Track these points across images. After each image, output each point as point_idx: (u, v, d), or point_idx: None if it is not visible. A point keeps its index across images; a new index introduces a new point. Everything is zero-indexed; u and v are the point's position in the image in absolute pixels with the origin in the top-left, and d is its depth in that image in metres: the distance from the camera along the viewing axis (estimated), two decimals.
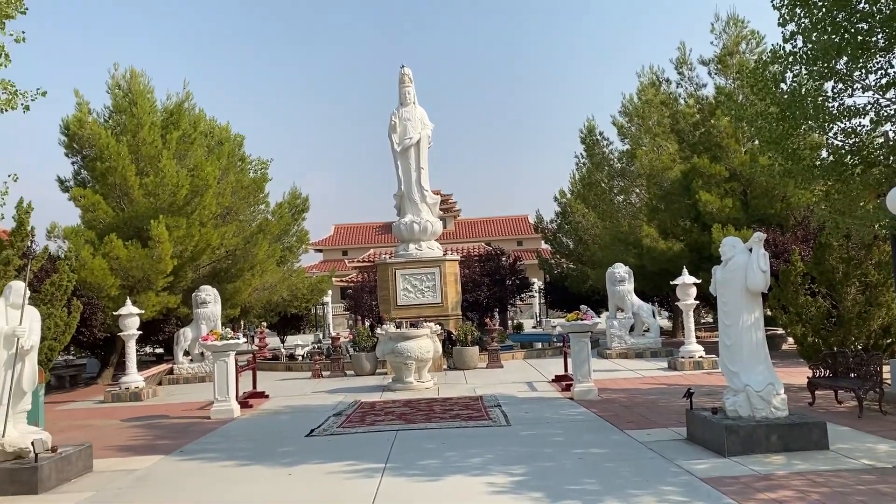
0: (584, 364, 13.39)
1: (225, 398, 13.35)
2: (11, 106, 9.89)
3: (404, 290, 20.90)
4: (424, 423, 11.30)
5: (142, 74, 22.43)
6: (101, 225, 20.32)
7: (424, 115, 21.71)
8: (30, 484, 8.00)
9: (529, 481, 7.44)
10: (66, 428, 12.67)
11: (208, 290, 20.31)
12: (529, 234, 62.24)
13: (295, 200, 30.12)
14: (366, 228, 71.27)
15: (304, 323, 41.00)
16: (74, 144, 21.80)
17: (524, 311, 46.83)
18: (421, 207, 21.44)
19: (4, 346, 8.26)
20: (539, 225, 36.71)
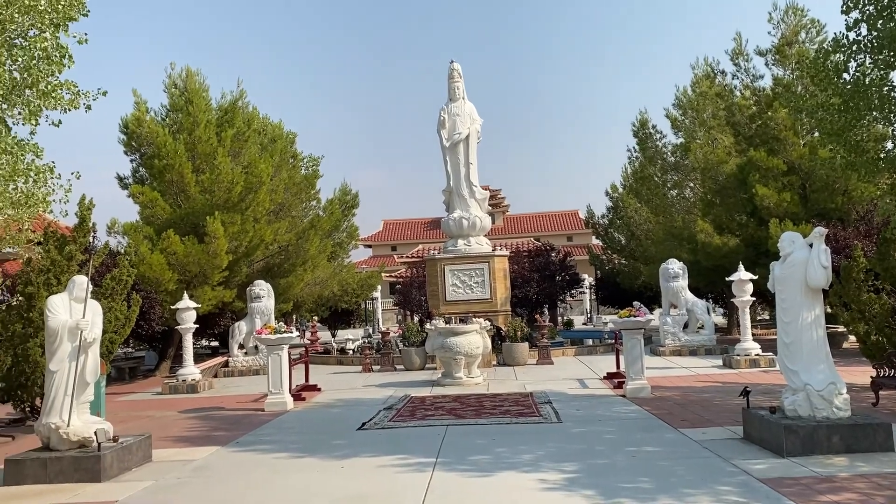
0: (637, 361, 13.20)
1: (279, 391, 13.57)
2: (74, 106, 10.17)
3: (453, 286, 20.90)
4: (474, 418, 11.30)
5: (197, 73, 22.94)
6: (158, 221, 20.86)
7: (473, 111, 21.66)
8: (93, 472, 8.26)
9: (582, 479, 7.37)
10: (125, 418, 13.05)
11: (262, 285, 20.69)
12: (580, 230, 61.72)
13: (345, 196, 30.48)
14: (414, 224, 71.60)
15: (354, 317, 41.48)
16: (133, 142, 22.43)
17: (574, 308, 46.45)
18: (470, 203, 21.40)
19: (69, 339, 8.53)
20: (590, 220, 36.32)
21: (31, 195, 9.10)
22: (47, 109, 9.91)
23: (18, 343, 12.92)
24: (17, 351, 12.93)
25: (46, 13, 9.53)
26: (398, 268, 47.04)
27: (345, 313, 38.84)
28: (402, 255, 54.42)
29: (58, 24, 9.83)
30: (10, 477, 8.32)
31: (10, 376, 13.07)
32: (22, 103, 9.37)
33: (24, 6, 9.26)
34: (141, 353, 25.73)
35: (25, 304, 13.08)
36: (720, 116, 24.17)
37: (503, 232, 62.20)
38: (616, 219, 34.11)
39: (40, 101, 9.52)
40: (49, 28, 9.69)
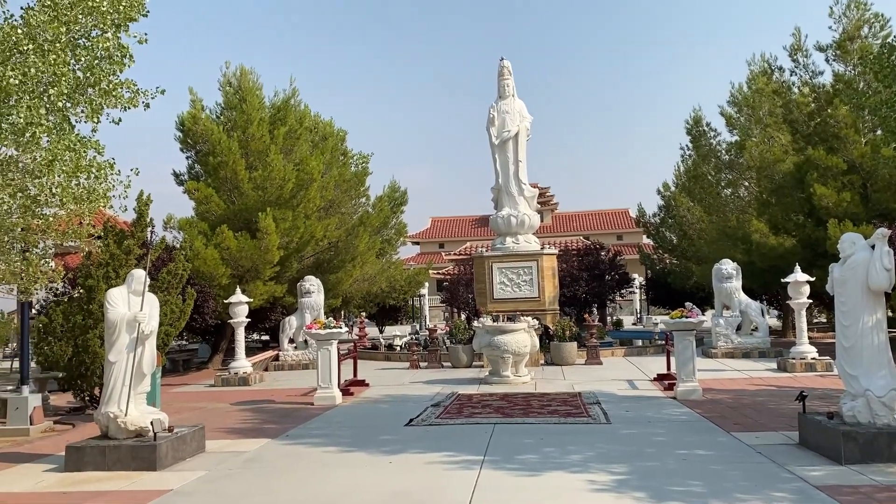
0: (689, 363, 12.97)
1: (328, 385, 13.73)
2: (134, 104, 10.42)
3: (501, 284, 20.85)
4: (522, 417, 11.25)
5: (251, 72, 23.33)
6: (213, 217, 21.30)
7: (523, 108, 21.56)
8: (149, 461, 8.49)
9: (631, 480, 7.28)
10: (179, 409, 13.36)
11: (312, 281, 20.97)
12: (630, 229, 60.94)
13: (394, 194, 30.65)
14: (462, 221, 71.65)
15: (401, 314, 41.74)
16: (189, 140, 22.94)
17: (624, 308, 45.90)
18: (518, 201, 21.32)
19: (127, 331, 8.78)
20: (641, 219, 35.81)
21: (93, 191, 9.37)
22: (108, 107, 10.18)
23: (79, 334, 13.35)
24: (77, 342, 13.37)
25: (108, 14, 9.79)
26: (445, 265, 47.14)
27: (392, 310, 39.09)
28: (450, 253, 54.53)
29: (119, 25, 10.09)
30: (72, 463, 8.61)
31: (70, 366, 13.52)
32: (84, 102, 9.65)
33: (88, 7, 9.53)
34: (194, 345, 26.32)
35: (86, 296, 13.52)
36: (777, 114, 23.57)
37: (551, 230, 61.79)
38: (668, 218, 33.57)
39: (102, 100, 9.78)
40: (111, 28, 9.96)
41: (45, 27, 8.97)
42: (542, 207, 56.96)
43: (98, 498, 7.37)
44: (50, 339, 13.68)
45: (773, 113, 23.63)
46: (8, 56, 8.69)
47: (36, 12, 9.20)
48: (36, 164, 8.79)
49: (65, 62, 8.80)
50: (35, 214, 9.89)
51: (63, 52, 8.89)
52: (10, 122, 8.39)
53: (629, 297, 40.43)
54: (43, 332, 13.81)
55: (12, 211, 9.66)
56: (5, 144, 8.82)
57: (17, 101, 8.48)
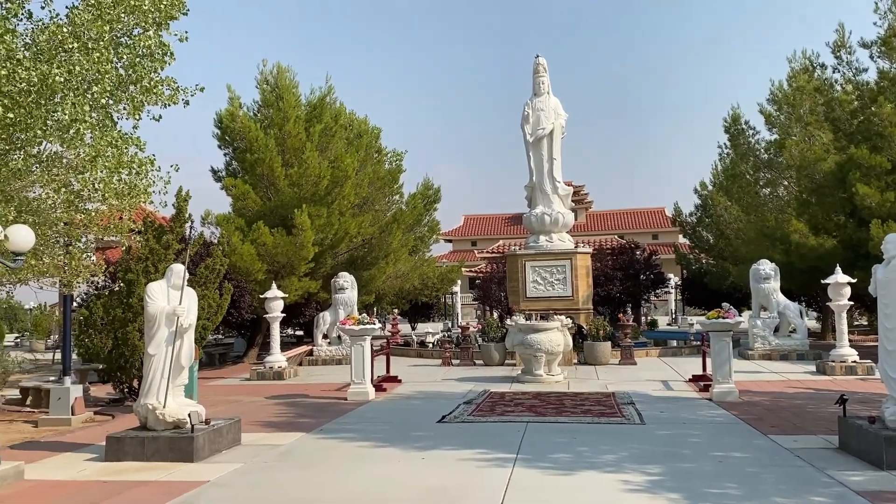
0: (725, 364, 12.79)
1: (361, 381, 13.82)
2: (174, 101, 10.59)
3: (534, 283, 20.76)
4: (555, 416, 11.21)
5: (287, 70, 23.57)
6: (249, 213, 21.58)
7: (558, 105, 21.42)
8: (186, 452, 8.63)
9: (666, 482, 7.21)
10: (216, 402, 13.55)
11: (346, 277, 21.13)
12: (666, 228, 60.27)
13: (427, 191, 30.73)
14: (495, 219, 71.52)
15: (433, 311, 41.86)
16: (227, 137, 23.26)
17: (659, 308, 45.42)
18: (552, 199, 21.19)
19: (166, 324, 8.93)
20: (677, 218, 35.36)
21: (134, 186, 9.56)
22: (149, 105, 10.37)
23: (119, 327, 13.62)
24: (117, 335, 13.64)
25: (150, 12, 9.97)
26: (478, 263, 47.11)
27: (424, 307, 39.21)
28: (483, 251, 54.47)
29: (160, 23, 10.27)
30: (112, 453, 8.79)
31: (110, 358, 13.81)
32: (126, 99, 9.84)
33: (130, 6, 9.71)
34: (230, 339, 26.70)
35: (126, 290, 13.79)
36: (818, 112, 23.08)
37: (586, 229, 61.36)
38: (705, 217, 33.10)
39: (143, 97, 9.97)
40: (152, 27, 10.14)
41: (89, 26, 9.16)
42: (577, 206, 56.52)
43: (137, 487, 7.51)
44: (90, 332, 13.99)
45: (814, 111, 23.15)
46: (54, 54, 8.89)
47: (80, 11, 9.40)
48: (80, 160, 8.99)
49: (108, 60, 8.98)
50: (78, 209, 10.12)
51: (106, 49, 9.07)
52: (55, 119, 8.58)
53: (664, 297, 40.01)
54: (84, 325, 14.12)
55: (56, 206, 9.90)
56: (50, 141, 9.03)
57: (63, 98, 8.68)
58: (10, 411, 13.60)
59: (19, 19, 9.15)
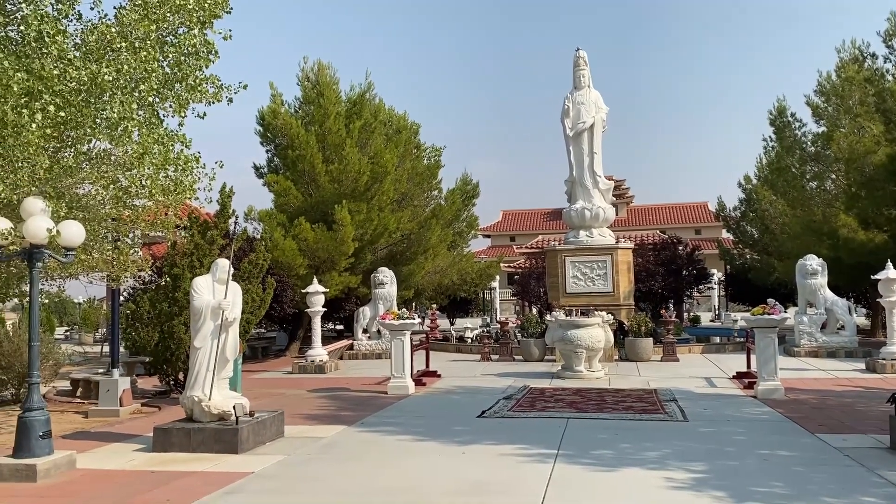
0: (770, 361, 12.55)
1: (401, 375, 13.90)
2: (217, 99, 10.73)
3: (574, 278, 20.62)
4: (596, 412, 11.13)
5: (328, 67, 23.75)
6: (291, 209, 21.83)
7: (599, 99, 21.22)
8: (231, 444, 8.78)
9: (710, 479, 7.11)
10: (259, 395, 13.76)
11: (385, 272, 21.25)
12: (709, 223, 59.29)
13: (466, 187, 30.72)
14: (534, 215, 71.14)
15: (472, 306, 41.82)
16: (269, 133, 23.56)
17: (701, 304, 44.75)
18: (593, 193, 21.01)
19: (211, 318, 9.09)
20: (721, 213, 34.75)
21: (180, 183, 9.73)
22: (193, 102, 10.53)
23: (165, 321, 13.90)
24: (163, 328, 13.92)
25: (194, 11, 10.12)
26: (517, 258, 46.93)
27: (463, 302, 39.20)
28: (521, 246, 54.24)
29: (204, 22, 10.42)
30: (159, 444, 8.99)
31: (156, 351, 14.09)
32: (172, 97, 10.01)
33: (175, 5, 9.87)
34: (272, 333, 27.06)
35: (171, 284, 14.06)
36: (869, 103, 22.44)
37: (627, 223, 60.65)
38: (749, 211, 32.46)
39: (188, 95, 10.13)
40: (196, 25, 10.29)
41: (136, 25, 9.35)
42: (618, 200, 56.03)
43: (184, 477, 7.67)
44: (137, 326, 14.29)
45: (864, 102, 22.53)
46: (102, 54, 9.09)
47: (127, 11, 9.59)
48: (128, 158, 9.19)
49: (154, 59, 9.15)
50: (126, 205, 10.34)
51: (153, 49, 9.24)
52: (104, 117, 8.78)
53: (707, 293, 39.39)
54: (131, 319, 14.44)
55: (105, 202, 10.13)
56: (99, 138, 9.24)
57: (111, 96, 8.87)
58: (61, 402, 13.99)
59: (69, 20, 9.37)
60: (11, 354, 13.56)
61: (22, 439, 7.97)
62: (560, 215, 23.61)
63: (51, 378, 14.35)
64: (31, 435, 7.95)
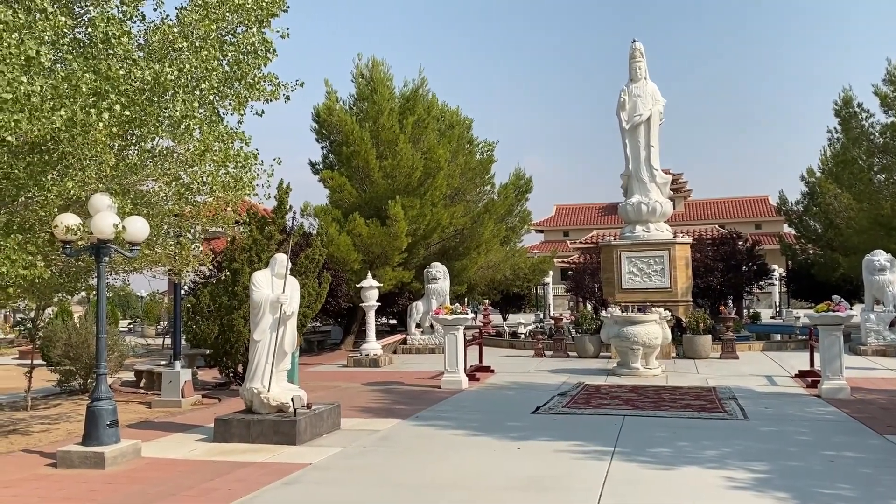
0: (835, 360, 12.15)
1: (454, 370, 13.93)
2: (275, 96, 10.89)
3: (630, 274, 20.33)
4: (653, 410, 10.96)
5: (382, 63, 23.92)
6: (345, 204, 22.09)
7: (656, 91, 20.83)
8: (289, 435, 8.92)
9: (773, 480, 6.92)
10: (315, 388, 13.95)
11: (438, 267, 21.33)
12: (769, 217, 57.85)
13: (518, 181, 30.55)
14: (588, 209, 70.42)
15: (524, 302, 41.63)
16: (324, 130, 23.86)
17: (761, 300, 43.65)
18: (650, 187, 20.66)
19: (270, 311, 9.25)
20: (782, 207, 33.83)
21: (239, 179, 9.92)
22: (252, 100, 10.72)
23: (224, 314, 14.23)
24: (223, 321, 14.25)
25: (252, 10, 10.29)
26: (570, 253, 46.55)
27: (516, 297, 39.06)
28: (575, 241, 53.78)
29: (261, 21, 10.59)
30: (219, 434, 9.21)
31: (216, 344, 14.44)
32: (232, 95, 10.20)
33: (234, 5, 10.05)
34: (327, 327, 27.44)
35: (231, 278, 14.37)
36: None
37: (684, 218, 59.52)
38: (812, 205, 31.53)
39: (247, 93, 10.31)
40: (254, 24, 10.46)
41: (197, 25, 9.55)
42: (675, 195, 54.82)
43: (244, 468, 7.84)
44: (198, 319, 14.66)
45: None
46: (165, 54, 9.32)
47: (188, 11, 9.80)
48: (189, 155, 9.40)
49: (215, 57, 9.34)
50: (188, 201, 10.59)
51: (213, 48, 9.43)
52: (167, 116, 9.01)
53: (768, 289, 38.39)
54: (191, 312, 14.82)
55: (168, 198, 10.39)
56: (163, 136, 9.48)
57: (173, 95, 9.09)
58: (126, 392, 14.46)
59: (134, 21, 9.64)
60: (79, 346, 14.07)
61: (90, 428, 8.26)
62: (615, 210, 23.29)
63: (116, 369, 14.85)
64: (99, 424, 8.23)
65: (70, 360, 14.20)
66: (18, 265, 7.71)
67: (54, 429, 10.87)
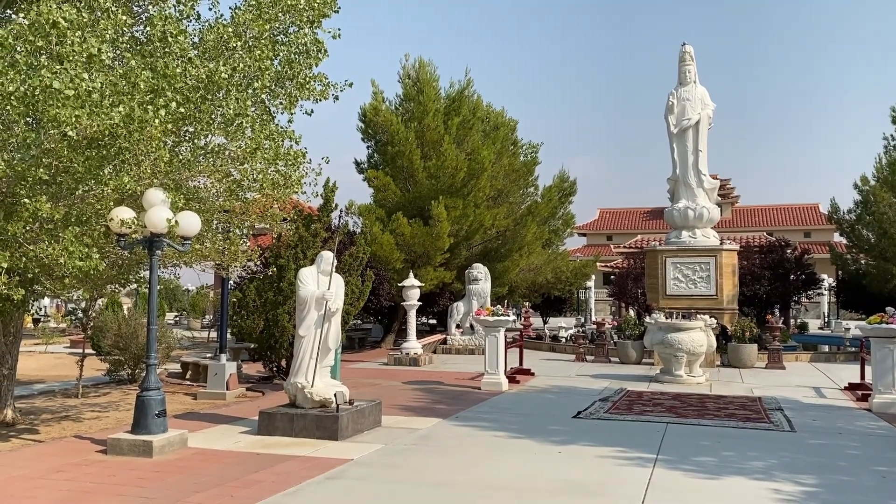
0: (888, 373, 11.82)
1: (495, 371, 13.91)
2: (325, 96, 11.03)
3: (674, 280, 20.05)
4: (696, 418, 10.80)
5: (429, 64, 24.04)
6: (389, 204, 22.24)
7: (705, 95, 20.52)
8: (331, 430, 9.03)
9: (821, 493, 6.77)
10: (356, 385, 14.06)
11: (480, 268, 21.33)
12: (819, 225, 56.49)
13: (562, 184, 30.39)
14: (632, 214, 69.62)
15: (566, 306, 41.28)
16: (370, 130, 24.06)
17: (809, 311, 42.64)
18: (697, 192, 20.35)
19: (315, 308, 9.37)
20: (833, 215, 32.90)
21: (288, 177, 10.07)
22: (302, 99, 10.87)
23: (270, 309, 14.44)
24: (268, 316, 14.47)
25: (304, 11, 10.44)
26: (613, 258, 46.02)
27: (557, 301, 38.75)
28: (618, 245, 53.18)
29: (313, 21, 10.73)
30: (263, 427, 9.36)
31: (261, 338, 14.66)
32: (283, 94, 10.37)
33: (287, 5, 10.21)
34: (368, 325, 27.64)
35: (277, 274, 14.59)
36: None
37: (731, 224, 58.44)
38: (865, 214, 30.57)
39: (298, 92, 10.47)
40: (306, 25, 10.61)
41: (251, 25, 9.72)
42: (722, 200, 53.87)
43: (288, 461, 7.96)
44: (243, 313, 14.91)
45: None
46: (219, 52, 9.51)
47: (242, 11, 9.99)
48: (241, 152, 9.57)
49: (267, 57, 9.50)
50: (238, 198, 10.78)
51: (266, 47, 9.59)
52: (220, 114, 9.19)
53: (816, 299, 37.47)
54: (237, 307, 15.08)
55: (219, 194, 10.60)
56: (215, 133, 9.67)
57: (227, 93, 9.27)
58: (172, 383, 14.78)
59: (189, 21, 9.85)
60: (128, 337, 14.43)
61: (140, 417, 8.47)
62: (660, 214, 23.02)
63: (163, 360, 15.19)
64: (147, 413, 8.44)
65: (119, 351, 14.57)
66: (75, 257, 7.94)
67: (104, 416, 11.18)
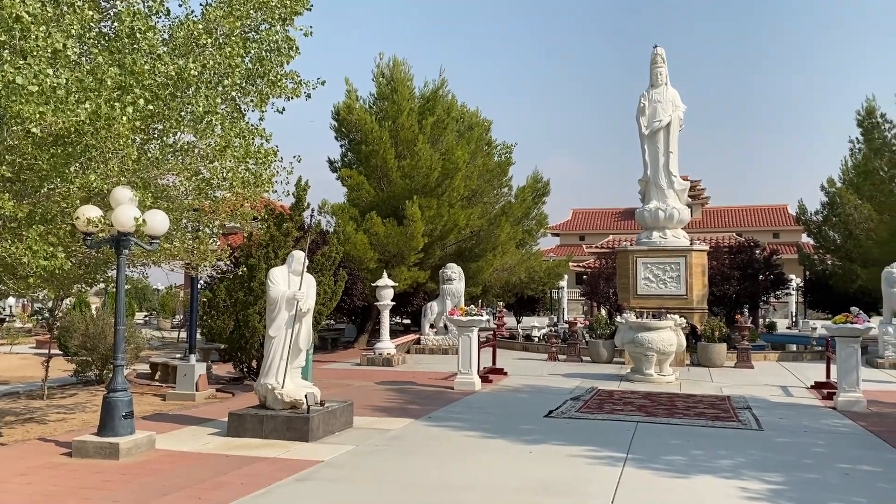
0: (852, 372, 12.03)
1: (468, 371, 13.92)
2: (296, 94, 10.94)
3: (645, 280, 20.22)
4: (666, 417, 10.90)
5: (403, 63, 23.96)
6: (363, 203, 22.15)
7: (676, 97, 20.72)
8: (302, 432, 8.96)
9: (787, 491, 6.87)
10: (328, 385, 14.00)
11: (454, 268, 21.33)
12: (788, 226, 57.43)
13: (536, 184, 30.51)
14: (604, 214, 70.16)
15: (539, 305, 41.52)
16: (343, 128, 23.93)
17: (778, 310, 43.31)
18: (668, 193, 20.54)
19: (286, 308, 9.29)
20: (801, 216, 33.49)
21: (259, 176, 9.97)
22: (273, 97, 10.77)
23: (240, 309, 14.30)
24: (238, 317, 14.32)
25: (276, 8, 10.34)
26: (586, 258, 46.35)
27: (530, 300, 38.97)
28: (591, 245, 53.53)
29: (285, 19, 10.64)
30: (233, 429, 9.26)
31: (231, 339, 14.51)
32: (254, 92, 10.26)
33: (258, 2, 10.11)
34: (341, 325, 27.51)
35: (247, 274, 14.44)
36: None
37: (701, 225, 59.12)
38: (832, 216, 31.18)
39: (269, 90, 10.36)
40: (278, 22, 10.51)
41: (221, 22, 9.61)
42: (693, 201, 54.49)
43: (258, 462, 7.88)
44: (213, 313, 14.74)
45: None
46: (189, 49, 9.39)
47: (213, 8, 9.87)
48: (210, 150, 9.46)
49: (238, 54, 9.39)
50: (207, 196, 10.65)
51: (237, 45, 9.49)
52: (189, 111, 9.07)
53: (784, 299, 38.07)
54: (207, 307, 14.90)
55: (188, 192, 10.46)
56: (184, 131, 9.55)
57: (196, 91, 9.15)
58: (141, 384, 14.57)
59: (159, 17, 9.71)
60: (96, 337, 14.19)
61: (106, 418, 8.33)
62: (632, 215, 23.20)
63: (132, 361, 14.95)
64: (114, 415, 8.30)
65: (87, 351, 14.32)
66: (39, 256, 7.78)
67: (70, 418, 10.98)
